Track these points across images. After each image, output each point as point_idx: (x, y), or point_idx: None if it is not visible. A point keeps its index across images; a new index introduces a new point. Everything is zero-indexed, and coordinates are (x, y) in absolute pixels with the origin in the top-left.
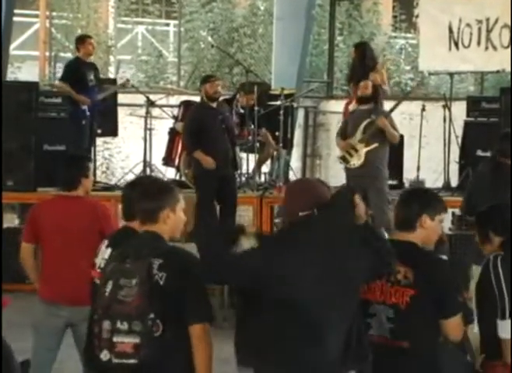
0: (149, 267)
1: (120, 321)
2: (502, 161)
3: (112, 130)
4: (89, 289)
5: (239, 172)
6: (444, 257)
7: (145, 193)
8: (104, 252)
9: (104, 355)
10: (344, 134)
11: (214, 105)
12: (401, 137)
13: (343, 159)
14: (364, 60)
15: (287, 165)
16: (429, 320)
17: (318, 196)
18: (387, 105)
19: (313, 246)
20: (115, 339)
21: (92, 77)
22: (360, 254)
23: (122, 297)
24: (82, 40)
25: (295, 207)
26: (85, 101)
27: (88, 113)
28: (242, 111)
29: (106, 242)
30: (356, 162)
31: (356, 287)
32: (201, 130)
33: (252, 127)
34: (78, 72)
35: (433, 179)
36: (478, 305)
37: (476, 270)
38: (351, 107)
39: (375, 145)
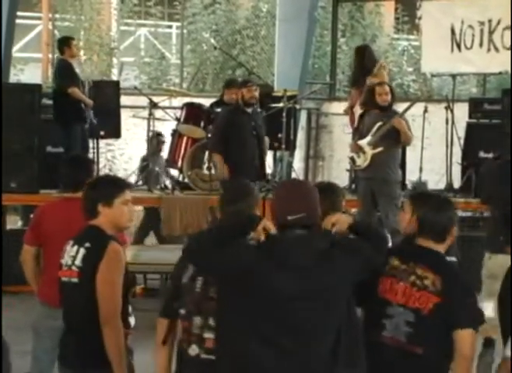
0: None
1: (212, 317)
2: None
3: (115, 132)
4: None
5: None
6: (453, 259)
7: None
8: (70, 251)
9: (193, 350)
10: (360, 137)
11: (249, 110)
12: None
13: (352, 160)
14: (363, 63)
15: (290, 166)
16: (447, 330)
17: (308, 200)
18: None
19: (294, 257)
20: (206, 335)
21: (81, 79)
22: (342, 263)
23: (214, 294)
24: (67, 42)
25: (283, 210)
26: (90, 103)
27: (92, 115)
28: None
29: (71, 242)
30: (362, 163)
31: (340, 296)
32: (231, 132)
33: None
34: (75, 75)
35: (435, 181)
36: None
37: (491, 258)
38: (356, 111)
39: (380, 149)
